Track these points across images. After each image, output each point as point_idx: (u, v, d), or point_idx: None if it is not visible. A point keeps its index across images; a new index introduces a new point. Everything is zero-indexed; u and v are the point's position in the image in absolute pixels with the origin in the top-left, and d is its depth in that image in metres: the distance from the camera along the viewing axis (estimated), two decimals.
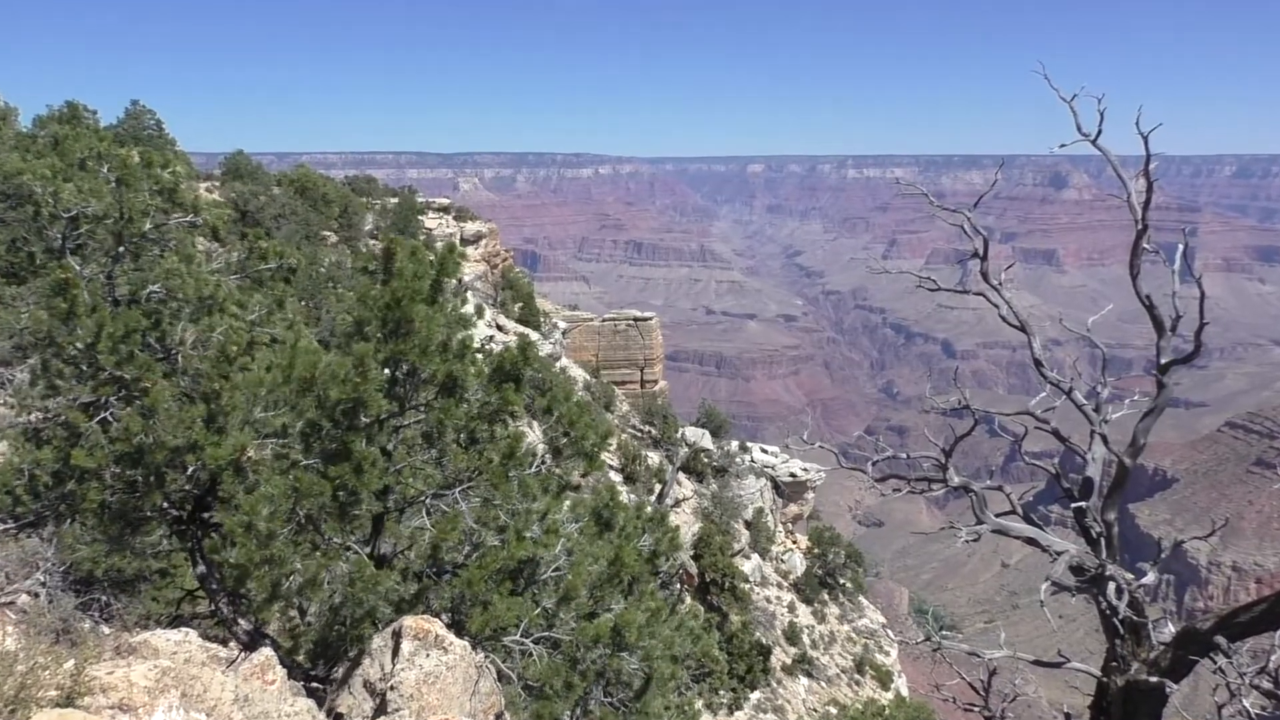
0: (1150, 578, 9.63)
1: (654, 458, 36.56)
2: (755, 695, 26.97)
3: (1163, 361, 9.47)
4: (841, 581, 41.12)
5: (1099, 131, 9.70)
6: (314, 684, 7.06)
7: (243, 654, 6.56)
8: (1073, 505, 9.81)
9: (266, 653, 6.08)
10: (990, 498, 10.31)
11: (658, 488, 32.77)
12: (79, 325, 6.81)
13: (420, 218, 50.35)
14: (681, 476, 35.72)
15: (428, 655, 6.09)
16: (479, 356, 7.54)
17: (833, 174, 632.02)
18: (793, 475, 44.77)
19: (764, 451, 46.30)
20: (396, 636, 6.22)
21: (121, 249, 7.84)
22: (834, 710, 29.21)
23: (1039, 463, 11.48)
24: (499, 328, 43.20)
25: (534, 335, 43.46)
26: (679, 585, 24.33)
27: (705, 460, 38.83)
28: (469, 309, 8.28)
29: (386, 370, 7.20)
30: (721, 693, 24.54)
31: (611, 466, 32.50)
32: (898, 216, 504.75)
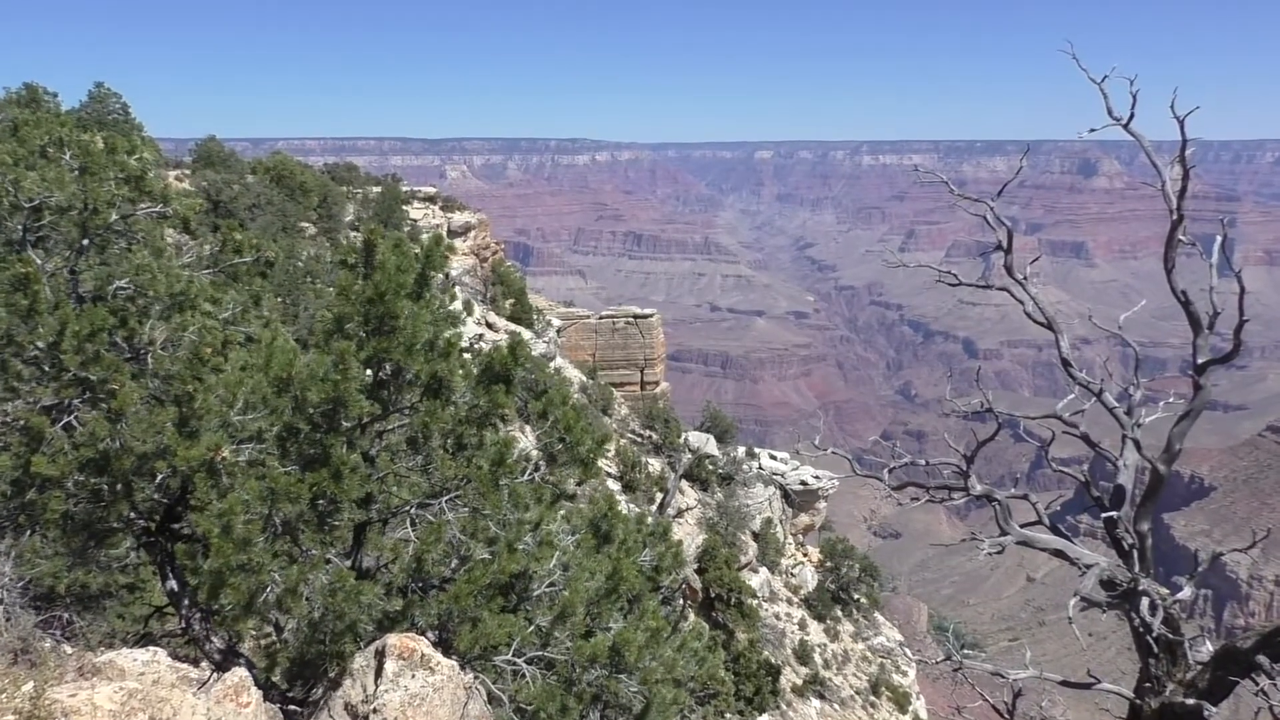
0: (1186, 593, 9.63)
1: (655, 464, 36.59)
2: (764, 718, 26.98)
3: (1200, 361, 9.48)
4: (856, 597, 41.11)
5: (1131, 115, 9.72)
6: (291, 706, 7.06)
7: (215, 674, 6.56)
8: (1103, 515, 9.82)
9: (240, 673, 6.08)
10: (1015, 507, 10.32)
11: (659, 497, 32.78)
12: (40, 323, 6.81)
13: (405, 208, 50.43)
14: (684, 484, 35.74)
15: (413, 676, 6.09)
16: (467, 356, 7.54)
17: (846, 161, 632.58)
18: (803, 483, 44.78)
19: (773, 458, 46.31)
20: (380, 656, 6.22)
21: (86, 242, 7.84)
22: None
23: (1067, 469, 11.50)
24: (489, 325, 43.25)
25: (526, 334, 43.50)
26: (682, 601, 24.36)
27: (710, 467, 38.84)
28: (457, 305, 8.29)
29: (369, 371, 7.20)
30: (728, 716, 24.55)
31: (610, 474, 32.52)
32: (916, 206, 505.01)
